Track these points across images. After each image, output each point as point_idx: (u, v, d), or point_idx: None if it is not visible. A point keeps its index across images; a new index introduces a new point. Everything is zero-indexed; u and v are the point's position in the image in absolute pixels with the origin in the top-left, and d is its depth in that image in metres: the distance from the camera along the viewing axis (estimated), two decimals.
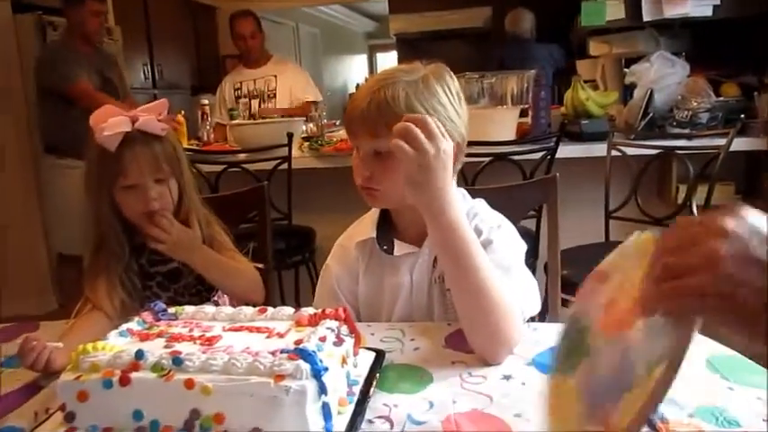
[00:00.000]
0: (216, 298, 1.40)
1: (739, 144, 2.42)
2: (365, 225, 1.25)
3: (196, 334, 0.87)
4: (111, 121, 1.22)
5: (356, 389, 0.85)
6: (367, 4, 8.32)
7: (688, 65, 2.92)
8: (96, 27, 3.28)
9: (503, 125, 2.68)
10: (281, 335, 0.86)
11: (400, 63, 1.23)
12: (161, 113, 1.29)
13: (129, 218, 1.31)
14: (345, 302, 1.22)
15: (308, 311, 0.91)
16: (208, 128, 3.42)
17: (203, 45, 6.05)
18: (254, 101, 3.94)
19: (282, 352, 0.76)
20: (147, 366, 0.76)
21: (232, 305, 1.26)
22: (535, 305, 1.12)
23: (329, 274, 1.25)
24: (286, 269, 2.85)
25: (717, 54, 3.10)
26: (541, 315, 1.18)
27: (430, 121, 0.95)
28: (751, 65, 2.95)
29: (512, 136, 2.68)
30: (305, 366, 0.73)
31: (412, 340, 1.08)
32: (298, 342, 0.80)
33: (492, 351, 0.98)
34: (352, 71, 9.77)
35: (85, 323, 1.22)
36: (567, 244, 1.82)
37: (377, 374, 0.91)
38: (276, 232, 2.24)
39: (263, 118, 3.61)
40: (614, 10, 3.05)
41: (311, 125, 3.30)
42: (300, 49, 7.82)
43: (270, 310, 0.95)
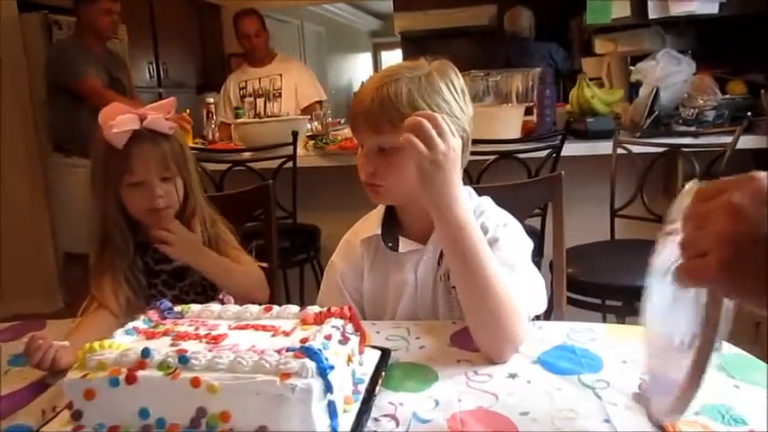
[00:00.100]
0: (221, 296, 1.41)
1: (746, 142, 2.41)
2: (371, 222, 1.25)
3: (202, 332, 0.87)
4: (120, 119, 1.23)
5: (362, 387, 0.85)
6: (372, 2, 8.31)
7: (694, 63, 2.91)
8: (107, 25, 3.28)
9: (508, 123, 2.67)
10: (286, 333, 0.86)
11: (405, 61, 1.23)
12: (169, 112, 1.30)
13: (134, 215, 1.31)
14: (349, 299, 1.22)
15: (314, 310, 0.91)
16: (213, 126, 3.43)
17: (208, 44, 6.05)
18: (260, 99, 3.94)
19: (288, 350, 0.76)
20: (154, 365, 0.76)
21: (237, 304, 1.27)
22: (541, 303, 1.12)
23: (334, 270, 1.26)
24: (291, 267, 2.85)
25: (723, 52, 3.08)
26: (547, 313, 1.18)
27: (440, 118, 0.95)
28: (757, 62, 2.93)
29: (517, 134, 2.68)
30: (310, 365, 0.73)
31: (417, 339, 1.08)
32: (303, 340, 0.80)
33: (497, 349, 0.98)
34: (357, 70, 9.75)
35: (91, 322, 1.22)
36: (572, 242, 1.82)
37: (382, 373, 0.91)
38: (281, 231, 2.24)
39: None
40: (620, 8, 3.05)
41: (316, 123, 3.30)
42: (305, 48, 7.82)
43: (275, 308, 0.95)
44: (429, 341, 1.07)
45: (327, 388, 0.74)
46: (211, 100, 3.54)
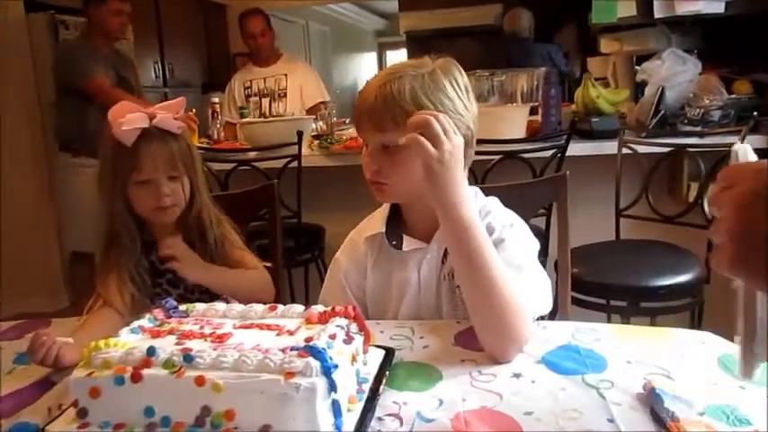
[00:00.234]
0: (226, 296, 1.41)
1: (752, 142, 2.39)
2: (376, 220, 1.25)
3: (207, 331, 0.87)
4: (130, 117, 1.24)
5: (366, 386, 0.86)
6: (377, 1, 8.31)
7: (700, 62, 2.89)
8: (117, 26, 3.28)
9: (513, 123, 2.67)
10: (291, 332, 0.86)
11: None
12: (178, 112, 1.31)
13: (141, 213, 1.32)
14: (352, 296, 1.23)
15: (318, 309, 0.91)
16: (218, 126, 3.43)
17: (214, 43, 6.06)
18: (265, 99, 3.95)
19: (293, 349, 0.76)
20: (159, 363, 0.77)
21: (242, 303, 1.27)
22: (546, 304, 1.12)
23: (338, 267, 1.26)
24: (295, 267, 2.86)
25: (729, 51, 3.07)
26: (551, 313, 1.18)
27: (443, 117, 0.96)
28: (764, 62, 2.92)
29: (522, 134, 2.67)
30: (315, 364, 0.73)
31: (421, 338, 1.08)
32: (308, 339, 0.80)
33: (502, 349, 0.98)
34: (362, 69, 9.76)
35: (97, 320, 1.23)
36: (577, 242, 1.82)
37: (386, 372, 0.91)
38: (286, 230, 2.25)
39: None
40: (626, 7, 3.04)
41: (321, 123, 3.31)
42: (310, 47, 7.82)
43: (280, 307, 0.95)
44: (433, 341, 1.07)
45: (332, 387, 0.74)
46: (216, 100, 3.53)
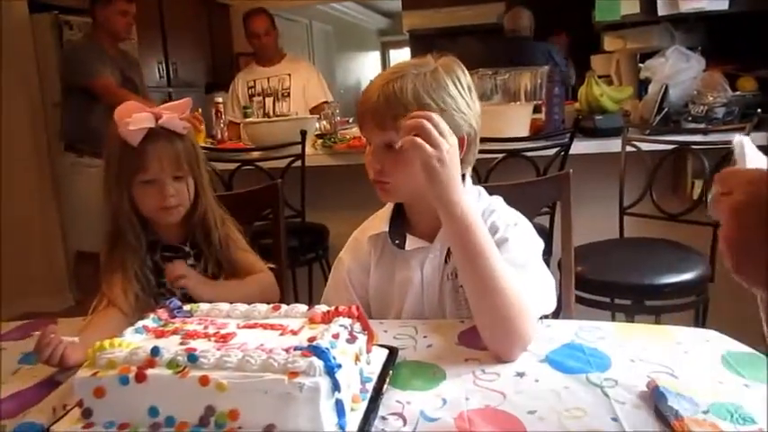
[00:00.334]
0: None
1: (756, 139, 2.38)
2: (379, 219, 1.26)
3: (211, 331, 0.87)
4: (136, 116, 1.24)
5: (369, 386, 0.86)
6: (380, 0, 8.31)
7: (703, 59, 2.88)
8: (123, 26, 3.29)
9: (516, 121, 2.66)
10: (294, 332, 0.87)
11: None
12: (184, 112, 1.31)
13: (146, 213, 1.32)
14: (355, 295, 1.23)
15: (322, 309, 0.92)
16: (222, 126, 3.44)
17: (217, 43, 6.07)
18: (268, 99, 3.95)
19: (296, 349, 0.76)
20: (163, 363, 0.77)
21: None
22: (550, 303, 1.11)
23: (341, 266, 1.26)
24: (299, 267, 2.85)
25: (733, 48, 3.06)
26: (555, 312, 1.18)
27: (436, 117, 0.96)
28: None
29: (525, 132, 2.67)
30: (318, 363, 0.73)
31: (425, 337, 1.08)
32: (311, 339, 0.81)
33: (506, 348, 0.98)
34: (365, 68, 9.75)
35: (101, 320, 1.23)
36: (580, 241, 1.81)
37: (390, 371, 0.91)
38: (289, 230, 2.25)
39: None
40: (629, 5, 3.03)
41: (324, 122, 3.30)
42: (314, 47, 7.82)
43: (283, 307, 0.95)
44: (436, 340, 1.07)
45: (335, 386, 0.74)
46: (220, 99, 3.54)
